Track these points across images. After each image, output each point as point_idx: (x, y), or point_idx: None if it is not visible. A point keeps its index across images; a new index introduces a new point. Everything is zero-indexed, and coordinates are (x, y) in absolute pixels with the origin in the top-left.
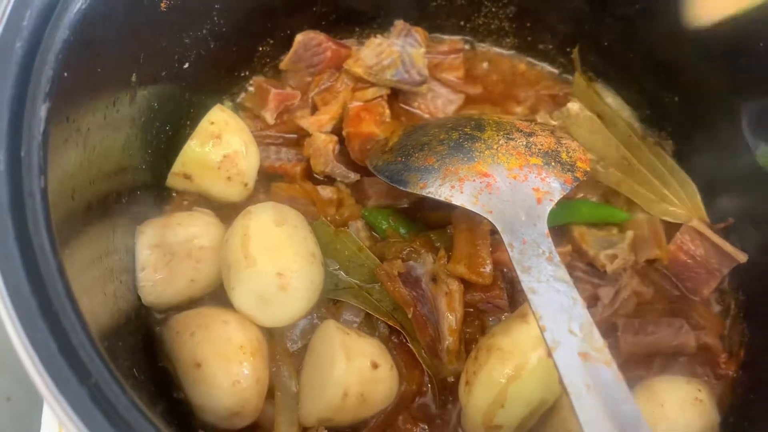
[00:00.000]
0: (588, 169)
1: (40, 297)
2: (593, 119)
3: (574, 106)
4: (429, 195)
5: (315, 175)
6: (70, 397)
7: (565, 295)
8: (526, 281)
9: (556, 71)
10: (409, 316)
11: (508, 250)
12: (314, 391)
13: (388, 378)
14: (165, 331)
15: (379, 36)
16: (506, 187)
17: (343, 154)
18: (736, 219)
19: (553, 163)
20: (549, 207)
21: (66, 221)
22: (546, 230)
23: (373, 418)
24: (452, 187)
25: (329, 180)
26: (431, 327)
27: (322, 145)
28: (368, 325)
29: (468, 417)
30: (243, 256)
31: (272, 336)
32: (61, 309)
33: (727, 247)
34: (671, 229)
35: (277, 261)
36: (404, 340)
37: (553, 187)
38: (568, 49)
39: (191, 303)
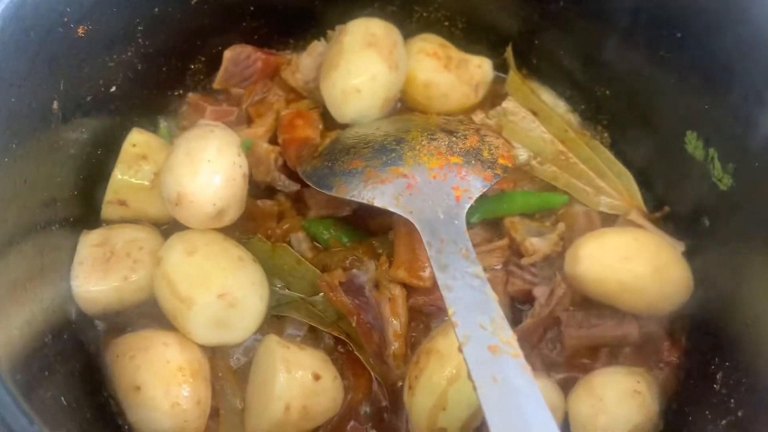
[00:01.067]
0: (510, 165)
1: None
2: (528, 116)
3: (509, 104)
4: (353, 198)
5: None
6: None
7: (478, 291)
8: (441, 279)
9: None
10: (353, 324)
11: (427, 248)
12: (258, 406)
13: (332, 389)
14: (105, 356)
15: (322, 40)
16: (427, 187)
17: (285, 167)
18: (673, 207)
19: (473, 162)
20: (468, 204)
21: None
22: (464, 228)
23: (319, 429)
24: (375, 190)
25: (269, 192)
26: (376, 333)
27: (264, 154)
28: (313, 337)
29: (413, 421)
30: (180, 301)
31: (215, 354)
32: None
33: (665, 236)
34: (609, 220)
35: (210, 286)
36: (350, 349)
37: (473, 184)
38: (501, 49)
39: (121, 310)
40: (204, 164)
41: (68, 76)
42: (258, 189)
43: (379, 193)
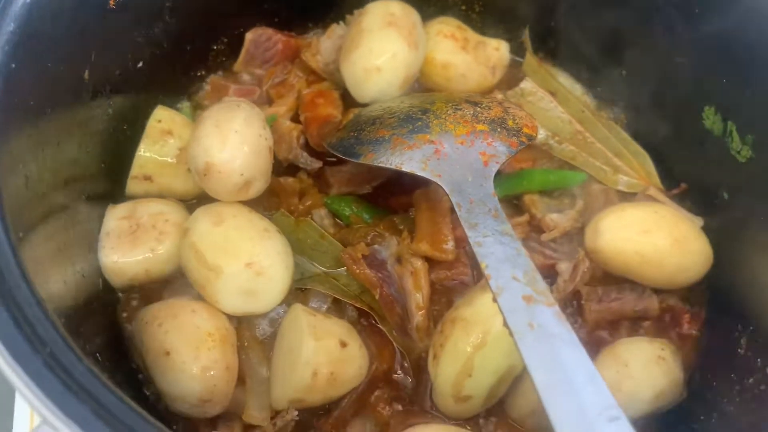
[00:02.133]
0: (534, 134)
1: None
2: (546, 96)
3: (527, 85)
4: (380, 164)
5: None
6: (25, 364)
7: (509, 246)
8: (472, 237)
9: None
10: (377, 297)
11: (456, 209)
12: (284, 373)
13: (358, 357)
14: (134, 325)
15: (341, 23)
16: (454, 153)
17: (307, 145)
18: (690, 183)
19: (499, 129)
20: (495, 168)
21: (21, 210)
22: (492, 190)
23: (345, 398)
24: (402, 155)
25: (291, 170)
26: (399, 306)
27: (286, 132)
28: (337, 309)
29: (438, 390)
30: (208, 270)
31: (241, 324)
32: (16, 286)
33: (683, 212)
34: (626, 198)
35: (238, 255)
36: (374, 322)
37: (499, 150)
38: (517, 33)
39: (148, 281)
40: (232, 134)
41: (99, 46)
42: (280, 167)
43: (407, 158)
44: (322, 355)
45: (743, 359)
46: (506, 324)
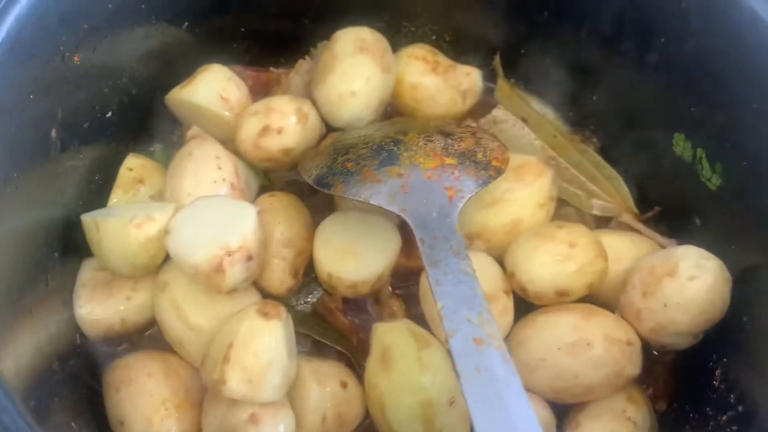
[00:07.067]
0: (503, 167)
1: None
2: (518, 123)
3: (499, 112)
4: (350, 197)
5: None
6: None
7: (466, 285)
8: (432, 275)
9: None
10: (354, 343)
11: (419, 245)
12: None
13: (357, 393)
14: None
15: (307, 58)
16: (421, 187)
17: None
18: (664, 208)
19: (467, 163)
20: (460, 204)
21: None
22: (456, 225)
23: None
24: (371, 189)
25: None
26: None
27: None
28: (317, 352)
29: None
30: (188, 328)
31: None
32: None
33: (657, 237)
34: (602, 222)
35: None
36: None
37: (466, 185)
38: (489, 61)
39: (124, 332)
40: (186, 198)
41: (65, 104)
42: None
43: (375, 191)
44: (328, 398)
45: (718, 393)
46: (454, 367)
